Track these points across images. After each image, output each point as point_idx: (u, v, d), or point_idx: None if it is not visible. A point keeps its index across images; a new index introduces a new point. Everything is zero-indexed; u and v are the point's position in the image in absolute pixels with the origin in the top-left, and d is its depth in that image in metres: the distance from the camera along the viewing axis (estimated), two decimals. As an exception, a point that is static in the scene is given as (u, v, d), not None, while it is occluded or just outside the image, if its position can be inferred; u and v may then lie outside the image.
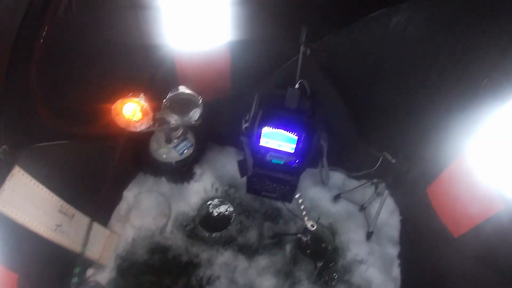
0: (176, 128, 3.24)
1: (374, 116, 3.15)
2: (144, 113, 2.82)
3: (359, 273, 3.24)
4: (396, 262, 3.29)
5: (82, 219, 2.95)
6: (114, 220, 3.47)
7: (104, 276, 3.18)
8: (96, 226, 3.12)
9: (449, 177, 2.65)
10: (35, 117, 2.50)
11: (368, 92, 3.02)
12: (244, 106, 2.99)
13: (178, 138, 3.30)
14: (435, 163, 2.73)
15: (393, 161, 2.89)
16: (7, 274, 2.26)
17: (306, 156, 2.95)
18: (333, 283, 3.23)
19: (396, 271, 3.24)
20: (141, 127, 2.86)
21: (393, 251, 3.34)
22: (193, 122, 3.03)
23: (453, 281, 2.69)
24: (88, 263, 3.15)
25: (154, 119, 2.99)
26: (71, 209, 2.79)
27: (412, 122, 2.85)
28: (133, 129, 2.85)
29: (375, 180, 3.23)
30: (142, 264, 3.28)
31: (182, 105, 2.88)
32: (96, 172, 3.21)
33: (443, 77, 2.53)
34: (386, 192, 3.08)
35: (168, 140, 3.23)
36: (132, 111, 2.79)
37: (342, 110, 3.17)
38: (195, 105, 2.87)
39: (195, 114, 2.94)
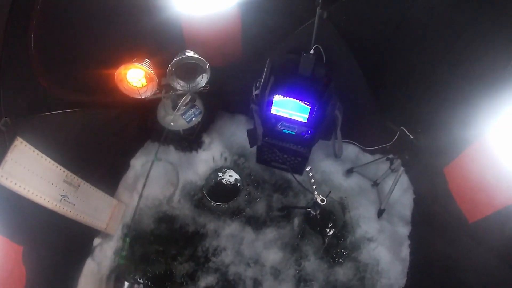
0: (183, 95, 3.09)
1: (394, 88, 2.94)
2: (149, 79, 2.68)
3: (367, 251, 3.12)
4: (406, 243, 3.15)
5: (88, 189, 2.89)
6: (121, 189, 3.42)
7: (111, 245, 3.16)
8: (103, 196, 3.08)
9: (469, 158, 2.46)
10: (36, 86, 2.42)
11: (389, 62, 2.79)
12: (255, 72, 2.80)
13: (185, 105, 3.16)
14: (455, 142, 2.53)
15: (411, 137, 2.68)
16: (11, 246, 2.24)
17: (319, 127, 2.78)
18: (340, 260, 3.12)
19: (405, 252, 3.11)
20: (146, 94, 2.73)
21: (404, 230, 3.20)
22: (200, 89, 2.88)
23: (463, 268, 2.55)
24: (95, 233, 3.14)
25: (160, 86, 2.86)
26: (76, 179, 2.73)
27: (434, 97, 2.63)
28: (138, 96, 2.72)
29: (390, 156, 3.04)
30: (148, 234, 3.23)
31: (189, 70, 2.72)
32: (103, 141, 3.12)
33: (470, 50, 2.29)
34: (402, 169, 2.89)
35: (175, 108, 3.09)
36: (136, 77, 2.66)
37: (360, 80, 2.95)
38: (202, 70, 2.71)
39: (203, 80, 2.78)
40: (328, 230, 3.24)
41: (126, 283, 1.69)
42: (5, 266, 2.20)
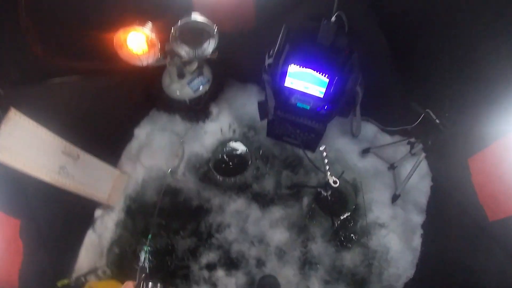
0: (189, 62, 2.84)
1: (423, 66, 2.60)
2: (151, 45, 2.43)
3: (377, 237, 2.92)
4: (419, 232, 2.93)
5: (89, 160, 2.75)
6: (124, 159, 3.27)
7: (112, 217, 3.07)
8: (105, 166, 2.94)
9: (498, 152, 2.18)
10: (30, 54, 2.25)
11: (420, 37, 2.45)
12: (269, 39, 2.50)
13: (192, 73, 2.91)
14: (485, 133, 2.24)
15: (437, 121, 2.39)
16: (8, 220, 2.18)
17: (337, 102, 2.51)
18: (348, 244, 2.94)
19: (417, 241, 2.90)
20: (148, 60, 2.49)
21: (417, 219, 2.97)
22: (208, 56, 2.62)
23: (476, 268, 2.35)
24: (96, 204, 3.03)
25: (164, 52, 2.61)
26: (76, 150, 2.59)
27: (467, 81, 2.30)
28: (139, 63, 2.48)
29: (412, 139, 2.76)
30: (151, 206, 3.10)
31: (195, 35, 2.46)
32: (104, 109, 2.94)
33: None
34: (423, 154, 2.61)
35: (181, 75, 2.85)
36: (136, 42, 2.40)
37: (385, 54, 2.63)
38: (209, 35, 2.44)
39: (210, 46, 2.51)
40: (338, 212, 3.04)
41: (150, 283, 1.61)
42: (1, 241, 2.14)
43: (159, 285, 1.65)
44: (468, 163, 2.41)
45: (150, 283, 1.63)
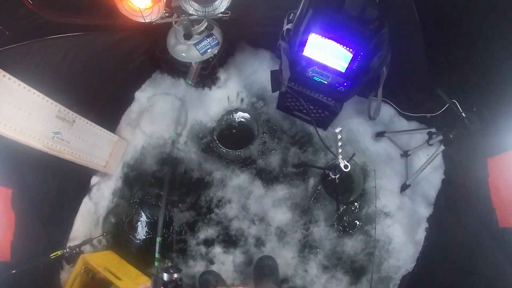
0: (198, 22, 2.46)
1: (456, 53, 2.23)
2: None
3: (381, 226, 2.68)
4: (424, 225, 2.68)
5: (85, 125, 2.45)
6: (123, 124, 2.97)
7: (109, 185, 2.83)
8: (102, 132, 2.65)
9: None
10: (20, 7, 1.89)
11: (457, 21, 2.08)
12: (289, 1, 2.13)
13: (200, 34, 2.53)
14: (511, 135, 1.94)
15: (464, 114, 2.06)
16: None
17: (359, 80, 2.16)
18: (351, 231, 2.71)
19: (420, 235, 2.66)
20: (151, 17, 2.09)
21: (424, 211, 2.70)
22: (219, 15, 2.24)
23: (478, 272, 2.12)
24: (92, 171, 2.79)
25: (170, 8, 2.23)
26: (71, 114, 2.30)
27: (503, 76, 1.94)
28: (141, 20, 2.10)
29: (432, 129, 2.45)
30: (149, 176, 2.85)
31: (206, -10, 2.07)
32: (102, 71, 2.62)
33: None
34: (441, 147, 2.29)
35: (188, 36, 2.47)
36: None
37: (416, 33, 2.24)
38: (223, -8, 2.05)
39: (222, 4, 2.12)
40: (344, 196, 2.79)
41: (166, 275, 1.37)
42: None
43: (175, 275, 1.41)
44: (488, 162, 2.12)
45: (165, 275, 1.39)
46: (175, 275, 1.39)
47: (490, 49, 1.97)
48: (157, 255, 2.59)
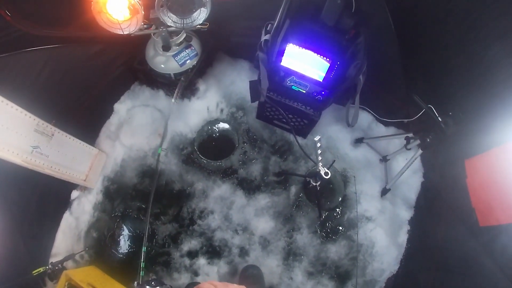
0: (176, 33, 2.43)
1: (430, 59, 2.30)
2: (133, 11, 2.01)
3: (364, 231, 2.70)
4: (405, 228, 2.72)
5: (64, 138, 2.38)
6: (102, 136, 2.89)
7: (90, 199, 2.75)
8: (82, 145, 2.57)
9: (497, 158, 1.96)
10: None
11: (431, 29, 2.14)
12: (267, 12, 2.13)
13: (179, 45, 2.50)
14: (487, 136, 2.01)
15: (439, 119, 2.10)
16: None
17: (336, 89, 2.18)
18: (334, 237, 2.71)
19: (403, 237, 2.70)
20: (130, 29, 2.06)
21: (405, 214, 2.74)
22: (198, 26, 2.22)
23: (461, 271, 2.16)
24: (72, 185, 2.70)
25: (149, 20, 2.20)
26: (49, 128, 2.23)
27: (476, 81, 2.01)
28: (119, 32, 2.06)
29: (409, 134, 2.47)
30: (130, 189, 2.78)
31: (184, 3, 2.05)
32: (81, 83, 2.55)
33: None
34: (419, 151, 2.34)
35: (167, 47, 2.44)
36: (117, 7, 1.97)
37: (391, 41, 2.30)
38: (201, 4, 2.03)
39: (200, 16, 2.11)
40: (326, 203, 2.79)
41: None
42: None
43: None
44: (465, 164, 2.18)
45: None
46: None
47: (464, 54, 2.04)
48: (142, 264, 2.49)
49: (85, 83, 2.59)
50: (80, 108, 2.63)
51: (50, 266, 2.34)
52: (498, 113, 1.89)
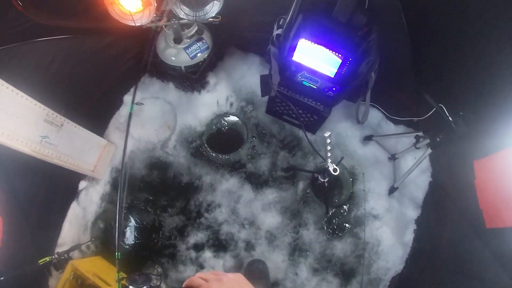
0: (188, 26, 2.43)
1: (442, 58, 2.25)
2: (146, 3, 2.00)
3: (370, 229, 2.69)
4: (412, 227, 2.71)
5: (73, 129, 2.39)
6: (112, 128, 2.91)
7: (98, 190, 2.77)
8: (91, 136, 2.59)
9: (506, 159, 1.92)
10: (10, 8, 1.84)
11: (444, 26, 2.09)
12: (280, 7, 2.12)
13: (190, 38, 2.50)
14: (496, 138, 1.97)
15: (450, 119, 2.08)
16: None
17: (348, 85, 2.17)
18: (340, 234, 2.71)
19: (409, 237, 2.68)
20: (142, 21, 2.06)
21: (412, 214, 2.73)
22: (210, 19, 2.22)
23: (466, 272, 2.14)
24: (80, 176, 2.72)
25: (161, 12, 2.20)
26: (59, 118, 2.24)
27: (488, 82, 1.97)
28: (131, 23, 2.06)
29: (419, 133, 2.45)
30: (138, 180, 2.80)
31: (197, -5, 2.04)
32: (91, 74, 2.55)
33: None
34: (429, 151, 2.32)
35: (178, 40, 2.44)
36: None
37: (405, 38, 2.26)
38: (214, -3, 2.03)
39: (213, 8, 2.11)
40: (333, 200, 2.79)
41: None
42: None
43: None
44: (474, 165, 2.15)
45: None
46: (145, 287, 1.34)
47: (477, 54, 1.99)
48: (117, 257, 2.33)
49: (96, 75, 2.60)
50: (90, 99, 2.64)
51: (56, 255, 2.35)
52: (509, 115, 1.86)
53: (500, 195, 1.97)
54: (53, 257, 2.34)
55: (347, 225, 2.73)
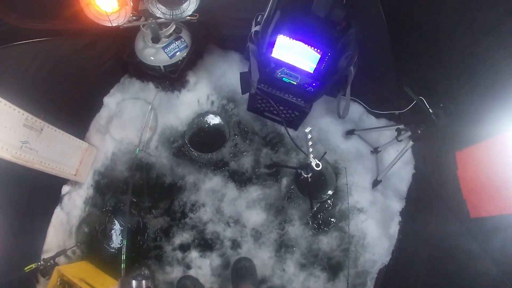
0: (166, 25, 2.41)
1: (421, 51, 2.30)
2: (122, 3, 1.98)
3: (355, 222, 2.73)
4: (397, 219, 2.75)
5: (54, 133, 2.36)
6: (92, 130, 2.87)
7: (81, 194, 2.74)
8: (71, 139, 2.55)
9: (488, 150, 1.99)
10: None
11: (423, 20, 2.14)
12: (257, 3, 2.11)
13: (168, 37, 2.48)
14: (478, 128, 2.02)
15: (431, 111, 2.12)
16: None
17: (327, 80, 2.18)
18: (326, 228, 2.74)
19: (394, 228, 2.73)
20: (118, 21, 2.04)
21: (396, 206, 2.78)
22: (187, 18, 2.20)
23: (451, 261, 2.20)
24: (63, 180, 2.69)
25: (138, 11, 2.17)
26: (39, 122, 2.21)
27: (467, 73, 2.03)
28: (108, 24, 2.03)
29: (401, 126, 2.49)
30: (121, 182, 2.77)
31: (173, -7, 2.02)
32: (70, 76, 2.52)
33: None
34: (410, 143, 2.36)
35: (156, 39, 2.41)
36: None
37: (382, 32, 2.29)
38: (190, -6, 2.02)
39: (190, 7, 2.10)
40: (317, 195, 2.81)
41: (134, 282, 1.31)
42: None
43: (144, 282, 1.36)
44: (456, 156, 2.20)
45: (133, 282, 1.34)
46: (144, 282, 1.35)
47: (455, 47, 2.05)
48: (123, 256, 2.42)
49: (74, 77, 2.57)
50: (69, 102, 2.61)
51: (42, 262, 2.33)
52: (489, 106, 1.91)
53: (483, 185, 2.03)
54: (39, 263, 2.32)
55: (332, 219, 2.76)
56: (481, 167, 2.05)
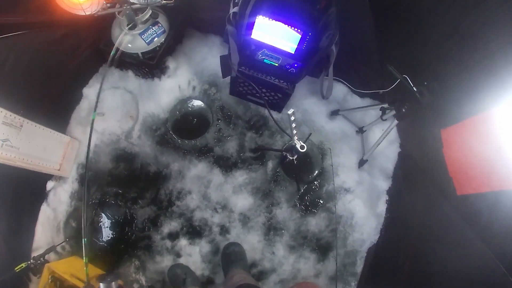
0: (142, 10, 2.35)
1: (405, 30, 2.29)
2: (93, -11, 1.92)
3: (343, 202, 2.77)
4: (384, 198, 2.81)
5: (34, 128, 2.32)
6: (73, 123, 2.83)
7: (66, 188, 2.71)
8: (53, 133, 2.51)
9: (473, 127, 2.00)
10: None
11: None
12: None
13: (145, 22, 2.43)
14: (461, 106, 2.04)
15: (415, 89, 2.13)
16: None
17: (309, 61, 2.18)
18: (313, 209, 2.78)
19: (381, 207, 2.79)
20: (92, 9, 1.99)
21: (383, 185, 2.83)
22: (163, 2, 2.15)
23: (439, 239, 2.26)
24: (47, 176, 2.66)
25: (110, -2, 2.11)
26: (18, 119, 2.17)
27: (451, 51, 2.02)
28: (81, 13, 1.97)
29: (385, 105, 2.51)
30: (106, 174, 2.75)
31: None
32: (46, 69, 2.46)
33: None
34: (395, 122, 2.38)
35: (132, 26, 2.36)
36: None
37: (366, 12, 2.29)
38: (164, -23, 1.97)
39: (164, -10, 2.05)
40: (303, 177, 2.84)
41: (102, 285, 1.31)
42: None
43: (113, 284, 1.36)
44: (441, 134, 2.23)
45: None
46: (113, 284, 1.35)
47: (438, 24, 2.04)
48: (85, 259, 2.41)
49: (52, 70, 2.51)
50: (48, 96, 2.56)
51: (32, 260, 2.33)
52: (473, 83, 1.92)
53: (469, 162, 2.06)
54: (30, 262, 2.32)
55: (319, 200, 2.81)
56: (466, 144, 2.08)
